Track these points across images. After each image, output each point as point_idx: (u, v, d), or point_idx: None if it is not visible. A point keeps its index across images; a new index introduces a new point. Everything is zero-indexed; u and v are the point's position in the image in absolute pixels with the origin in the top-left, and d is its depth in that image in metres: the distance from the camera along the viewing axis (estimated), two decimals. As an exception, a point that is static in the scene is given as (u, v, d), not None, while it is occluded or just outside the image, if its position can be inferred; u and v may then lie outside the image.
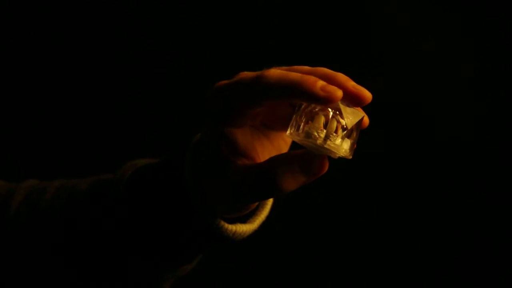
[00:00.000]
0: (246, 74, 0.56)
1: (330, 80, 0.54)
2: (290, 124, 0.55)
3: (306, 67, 0.56)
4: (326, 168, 0.55)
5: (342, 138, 0.55)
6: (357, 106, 0.55)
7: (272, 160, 0.56)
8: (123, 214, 0.64)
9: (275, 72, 0.54)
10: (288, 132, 0.55)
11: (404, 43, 1.22)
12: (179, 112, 1.25)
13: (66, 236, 0.67)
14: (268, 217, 0.64)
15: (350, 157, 0.56)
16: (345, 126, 0.55)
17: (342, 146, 0.55)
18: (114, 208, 0.65)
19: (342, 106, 0.55)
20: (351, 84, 0.54)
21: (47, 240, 0.68)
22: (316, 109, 0.55)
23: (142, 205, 0.64)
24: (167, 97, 1.25)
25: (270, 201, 0.64)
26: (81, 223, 0.67)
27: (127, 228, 0.64)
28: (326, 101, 0.52)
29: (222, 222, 0.61)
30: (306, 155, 0.55)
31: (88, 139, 1.25)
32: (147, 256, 0.65)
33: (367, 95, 0.54)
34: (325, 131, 0.55)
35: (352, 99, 0.54)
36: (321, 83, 0.53)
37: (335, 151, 0.55)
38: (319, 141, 0.55)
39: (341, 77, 0.54)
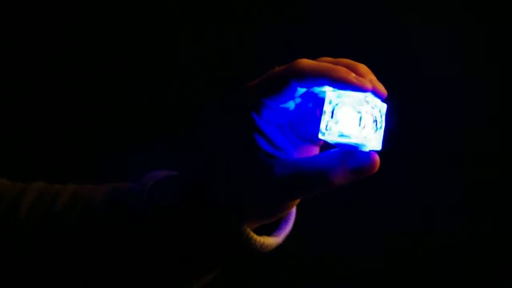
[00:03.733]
0: (276, 68, 0.58)
1: (352, 71, 0.56)
2: (321, 126, 0.56)
3: (329, 58, 0.58)
4: (377, 167, 0.56)
5: (374, 131, 0.56)
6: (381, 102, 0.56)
7: (325, 156, 0.57)
8: (146, 227, 0.63)
9: (307, 61, 0.56)
10: (320, 135, 0.56)
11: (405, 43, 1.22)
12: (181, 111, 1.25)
13: (80, 244, 0.66)
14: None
15: (380, 148, 0.57)
16: (375, 119, 0.56)
17: (376, 139, 0.56)
18: (136, 221, 0.64)
19: (369, 99, 0.56)
20: (370, 77, 0.56)
21: (59, 246, 0.66)
22: (343, 107, 0.56)
23: (166, 218, 0.63)
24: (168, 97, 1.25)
25: (293, 215, 0.64)
26: (97, 233, 0.65)
27: (149, 241, 0.63)
28: (358, 88, 0.54)
29: (252, 233, 0.60)
30: (358, 153, 0.56)
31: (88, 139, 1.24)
32: (167, 268, 0.64)
33: (383, 91, 0.56)
34: (358, 127, 0.56)
35: (372, 93, 0.56)
36: (353, 73, 0.55)
37: (369, 145, 0.56)
38: (353, 139, 0.56)
39: (363, 68, 0.56)
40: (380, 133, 0.56)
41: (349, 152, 0.56)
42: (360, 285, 1.24)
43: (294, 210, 0.65)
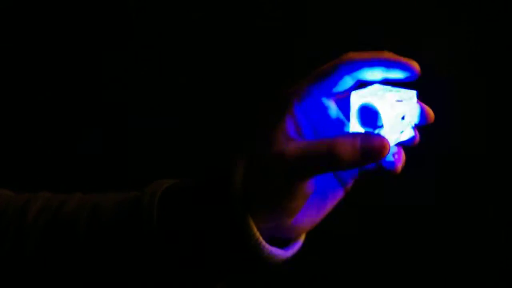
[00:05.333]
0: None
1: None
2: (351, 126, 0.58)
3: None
4: (387, 152, 0.56)
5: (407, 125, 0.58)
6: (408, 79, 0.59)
7: (337, 134, 0.58)
8: (157, 239, 0.63)
9: (356, 52, 0.58)
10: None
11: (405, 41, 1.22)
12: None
13: (88, 248, 0.66)
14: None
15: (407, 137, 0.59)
16: (407, 115, 0.58)
17: (410, 133, 0.58)
18: (147, 233, 0.64)
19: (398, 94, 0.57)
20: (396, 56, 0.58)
21: (67, 249, 0.66)
22: (374, 105, 0.57)
23: (178, 230, 0.63)
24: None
25: (302, 239, 0.65)
26: (106, 236, 0.65)
27: (157, 248, 0.63)
28: (408, 67, 0.57)
29: (261, 238, 0.61)
30: (370, 135, 0.57)
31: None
32: (173, 275, 0.64)
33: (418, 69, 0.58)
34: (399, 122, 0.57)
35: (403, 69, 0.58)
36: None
37: (404, 138, 0.58)
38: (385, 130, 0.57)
39: (388, 53, 0.58)
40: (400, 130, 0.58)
41: (362, 133, 0.57)
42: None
43: (303, 236, 0.65)
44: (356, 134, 0.57)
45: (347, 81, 0.59)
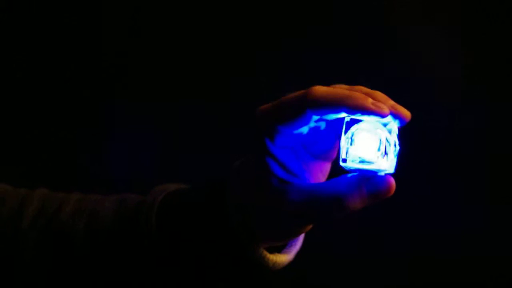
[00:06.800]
0: (291, 94, 0.57)
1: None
2: (341, 154, 0.56)
3: (344, 86, 0.57)
4: (393, 190, 0.56)
5: (394, 155, 0.57)
6: (397, 125, 0.56)
7: (341, 181, 0.57)
8: (154, 245, 0.63)
9: (323, 88, 0.55)
10: (341, 162, 0.57)
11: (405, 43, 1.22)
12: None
13: (85, 254, 0.65)
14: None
15: (393, 171, 0.57)
16: (394, 143, 0.56)
17: (393, 163, 0.57)
18: (146, 237, 0.64)
19: (385, 122, 0.56)
20: (390, 103, 0.55)
21: (64, 256, 0.66)
22: (362, 133, 0.56)
23: (176, 234, 0.63)
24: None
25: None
26: (103, 243, 0.65)
27: (157, 258, 0.63)
28: (376, 114, 0.54)
29: (265, 252, 0.61)
30: (374, 178, 0.56)
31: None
32: (177, 285, 0.64)
33: (407, 113, 0.55)
34: (378, 153, 0.56)
35: (394, 117, 0.55)
36: (370, 99, 0.54)
37: (387, 169, 0.56)
38: (375, 166, 0.56)
39: (380, 96, 0.56)
40: (396, 156, 0.57)
41: (366, 177, 0.56)
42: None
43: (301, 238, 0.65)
44: (360, 182, 0.56)
45: (316, 117, 0.57)
